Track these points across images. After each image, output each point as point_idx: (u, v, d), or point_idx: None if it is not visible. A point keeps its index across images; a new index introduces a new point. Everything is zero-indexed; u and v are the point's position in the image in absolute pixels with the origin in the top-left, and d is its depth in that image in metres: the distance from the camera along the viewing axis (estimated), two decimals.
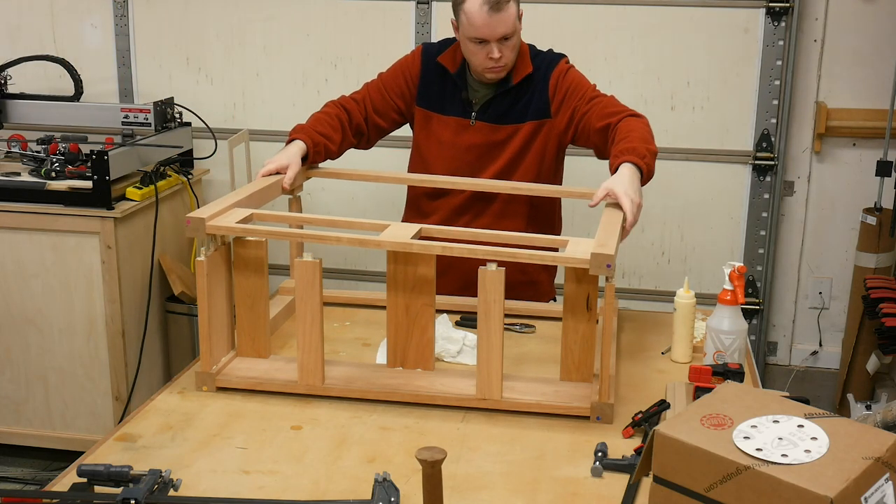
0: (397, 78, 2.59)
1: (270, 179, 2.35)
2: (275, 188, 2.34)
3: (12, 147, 3.33)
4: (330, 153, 2.50)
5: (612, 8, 3.34)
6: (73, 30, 3.71)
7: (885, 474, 1.26)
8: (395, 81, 2.58)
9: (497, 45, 2.38)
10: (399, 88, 2.58)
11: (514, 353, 2.24)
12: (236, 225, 2.01)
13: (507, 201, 2.53)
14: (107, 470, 1.56)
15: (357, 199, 3.62)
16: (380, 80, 2.62)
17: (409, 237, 1.99)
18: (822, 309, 3.55)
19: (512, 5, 2.37)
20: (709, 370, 1.92)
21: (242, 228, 2.02)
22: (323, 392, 2.02)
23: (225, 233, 2.02)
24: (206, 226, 1.99)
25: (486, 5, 2.33)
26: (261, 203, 2.25)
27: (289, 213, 2.39)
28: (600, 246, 1.87)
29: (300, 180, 2.44)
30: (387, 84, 2.59)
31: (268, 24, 3.57)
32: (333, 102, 2.59)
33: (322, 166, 2.58)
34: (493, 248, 1.92)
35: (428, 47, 2.60)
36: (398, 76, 2.59)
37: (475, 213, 2.55)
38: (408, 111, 2.60)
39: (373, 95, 2.59)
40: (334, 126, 2.51)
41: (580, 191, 2.46)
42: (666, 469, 1.34)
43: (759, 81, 3.31)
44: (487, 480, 1.70)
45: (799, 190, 3.45)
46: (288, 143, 2.46)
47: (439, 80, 2.55)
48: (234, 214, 2.08)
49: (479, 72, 2.47)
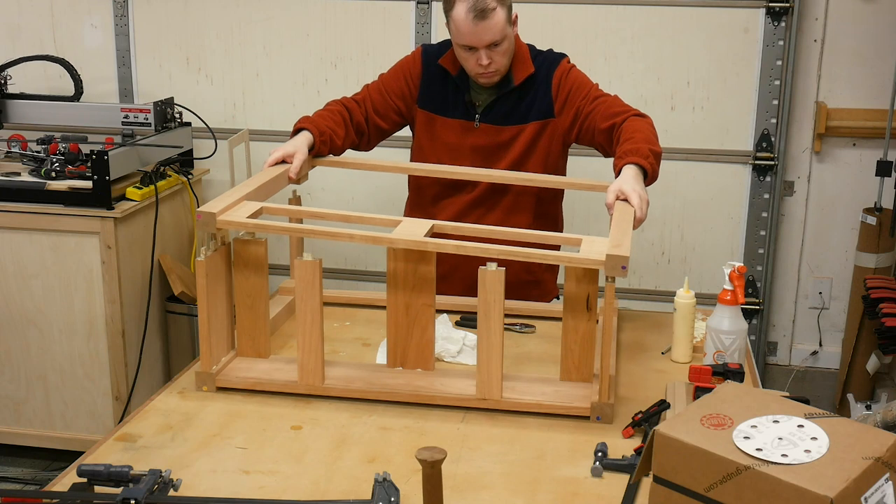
0: (398, 79, 2.58)
1: (277, 170, 2.33)
2: (281, 179, 2.33)
3: (12, 147, 3.33)
4: (335, 147, 2.50)
5: (612, 8, 3.34)
6: (73, 30, 3.71)
7: (885, 474, 1.26)
8: (396, 82, 2.58)
9: (486, 51, 2.37)
10: (400, 89, 2.57)
11: (514, 353, 2.23)
12: (248, 220, 2.00)
13: (517, 194, 2.53)
14: (107, 470, 1.56)
15: (357, 198, 3.62)
16: (380, 81, 2.62)
17: (423, 234, 1.98)
18: (822, 309, 3.55)
19: (499, 12, 2.35)
20: (709, 370, 1.92)
21: (255, 224, 2.01)
22: (323, 392, 2.02)
23: (236, 228, 2.01)
24: (217, 220, 1.98)
25: (471, 13, 2.32)
26: (268, 195, 2.23)
27: (299, 208, 2.37)
28: (615, 247, 1.86)
29: (306, 169, 2.43)
30: (387, 85, 2.59)
31: (268, 24, 3.57)
32: (335, 101, 2.59)
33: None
34: (506, 248, 1.92)
35: (428, 49, 2.60)
36: (399, 77, 2.59)
37: (488, 207, 2.55)
38: (408, 112, 2.60)
39: (373, 96, 2.59)
40: (337, 121, 2.51)
41: (589, 182, 2.47)
42: (666, 469, 1.34)
43: (759, 81, 3.31)
44: (487, 480, 1.70)
45: (799, 190, 3.45)
46: (294, 134, 2.45)
47: (441, 82, 2.55)
48: (245, 208, 2.06)
49: (472, 77, 2.47)
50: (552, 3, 3.35)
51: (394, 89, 2.58)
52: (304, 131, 2.43)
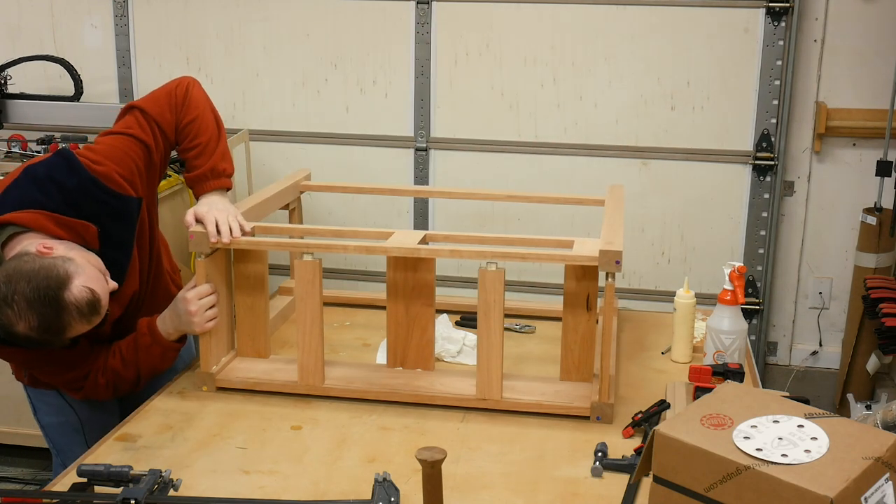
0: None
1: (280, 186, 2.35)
2: (274, 201, 2.34)
3: (12, 147, 3.32)
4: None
5: (612, 8, 3.33)
6: (73, 30, 3.71)
7: (885, 474, 1.26)
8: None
9: None
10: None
11: (514, 353, 2.23)
12: (241, 238, 2.01)
13: None
14: (107, 470, 1.56)
15: (357, 196, 3.62)
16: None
17: (416, 243, 1.99)
18: (822, 309, 3.54)
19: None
20: (709, 370, 1.92)
21: (247, 241, 2.02)
22: (323, 392, 2.02)
23: (229, 247, 2.02)
24: (210, 241, 1.99)
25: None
26: (262, 216, 2.24)
27: (292, 226, 2.39)
28: (608, 243, 1.87)
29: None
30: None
31: (268, 24, 3.57)
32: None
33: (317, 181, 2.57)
34: (502, 249, 1.93)
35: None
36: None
37: None
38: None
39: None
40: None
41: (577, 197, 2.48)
42: (666, 469, 1.34)
43: (759, 81, 3.31)
44: (487, 480, 1.70)
45: (799, 190, 3.45)
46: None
47: None
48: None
49: None
50: (552, 3, 3.35)
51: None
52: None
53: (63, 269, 1.74)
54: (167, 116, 2.07)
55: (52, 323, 1.72)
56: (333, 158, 3.58)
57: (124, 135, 2.02)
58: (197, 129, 2.09)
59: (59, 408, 2.17)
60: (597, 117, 3.39)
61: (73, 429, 2.17)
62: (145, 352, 2.00)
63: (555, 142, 3.43)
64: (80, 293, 1.73)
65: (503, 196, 2.69)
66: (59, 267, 1.74)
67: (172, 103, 2.09)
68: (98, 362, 2.00)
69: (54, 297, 1.71)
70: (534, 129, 3.44)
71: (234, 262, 2.11)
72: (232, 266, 2.11)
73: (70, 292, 1.72)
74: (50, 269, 1.73)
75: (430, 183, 3.50)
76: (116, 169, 1.95)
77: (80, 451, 1.91)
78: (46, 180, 1.88)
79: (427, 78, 3.46)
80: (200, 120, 2.10)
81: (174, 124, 2.08)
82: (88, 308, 1.75)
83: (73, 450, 2.11)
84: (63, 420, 2.17)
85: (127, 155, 1.98)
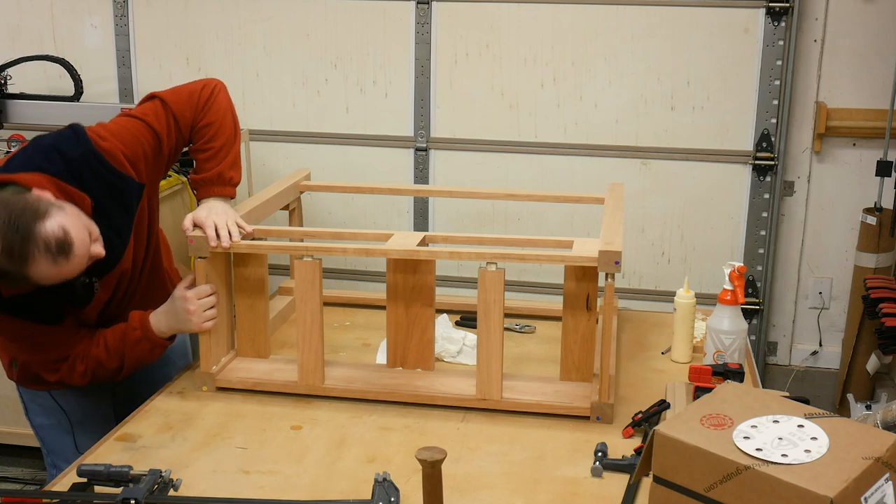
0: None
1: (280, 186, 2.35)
2: (274, 202, 2.34)
3: (12, 147, 3.32)
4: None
5: (612, 8, 3.33)
6: (73, 30, 3.71)
7: (885, 474, 1.26)
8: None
9: None
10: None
11: (514, 353, 2.24)
12: (241, 243, 2.01)
13: None
14: (107, 470, 1.56)
15: (357, 196, 3.62)
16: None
17: (415, 245, 1.99)
18: (822, 309, 3.54)
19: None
20: (709, 370, 1.92)
21: (248, 245, 2.02)
22: (323, 392, 2.02)
23: (229, 251, 2.02)
24: (210, 245, 1.99)
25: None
26: (262, 217, 2.24)
27: (292, 228, 2.39)
28: (607, 244, 1.87)
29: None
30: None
31: (268, 24, 3.57)
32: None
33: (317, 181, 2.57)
34: (501, 250, 1.93)
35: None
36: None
37: None
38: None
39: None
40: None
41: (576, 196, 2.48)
42: (666, 469, 1.34)
43: (758, 81, 3.31)
44: (487, 480, 1.70)
45: (799, 190, 3.45)
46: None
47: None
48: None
49: None
50: (552, 3, 3.35)
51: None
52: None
53: (45, 206, 1.75)
54: (186, 113, 2.09)
55: (15, 248, 1.70)
56: (333, 158, 3.58)
57: (138, 119, 2.04)
58: (213, 133, 2.11)
59: (49, 409, 2.17)
60: (597, 117, 3.39)
61: (63, 430, 2.17)
62: (133, 345, 2.00)
63: (555, 142, 3.43)
64: (52, 228, 1.72)
65: (503, 195, 2.69)
66: (42, 203, 1.75)
67: (194, 102, 2.11)
68: (79, 348, 2.00)
69: (26, 225, 1.71)
70: (534, 129, 3.44)
71: (234, 264, 2.11)
72: (232, 268, 2.11)
73: (43, 225, 1.72)
74: (33, 203, 1.74)
75: (430, 183, 3.50)
76: (122, 149, 1.96)
77: (70, 452, 1.90)
78: (51, 148, 1.91)
79: (427, 78, 3.46)
80: (218, 125, 2.12)
81: (191, 122, 2.10)
82: (57, 246, 1.73)
83: (64, 450, 2.11)
84: (54, 422, 2.17)
85: (136, 139, 2.00)
